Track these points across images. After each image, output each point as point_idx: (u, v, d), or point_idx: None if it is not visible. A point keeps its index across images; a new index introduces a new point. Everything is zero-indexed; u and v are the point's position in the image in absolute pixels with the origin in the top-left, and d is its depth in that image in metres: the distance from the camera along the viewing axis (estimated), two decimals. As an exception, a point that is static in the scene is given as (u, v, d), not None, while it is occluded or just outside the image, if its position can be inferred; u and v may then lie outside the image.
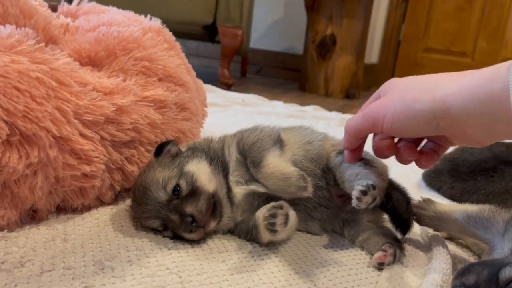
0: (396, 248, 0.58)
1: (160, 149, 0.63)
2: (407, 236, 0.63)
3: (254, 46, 3.21)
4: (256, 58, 3.24)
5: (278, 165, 0.60)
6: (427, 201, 0.62)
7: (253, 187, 0.61)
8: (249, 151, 0.62)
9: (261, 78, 3.06)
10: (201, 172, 0.60)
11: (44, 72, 0.52)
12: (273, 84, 2.83)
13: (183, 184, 0.58)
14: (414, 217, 0.61)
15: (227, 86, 2.21)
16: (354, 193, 0.52)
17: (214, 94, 1.88)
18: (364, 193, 0.52)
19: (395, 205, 0.61)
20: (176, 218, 0.56)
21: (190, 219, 0.55)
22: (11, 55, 0.50)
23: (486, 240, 0.55)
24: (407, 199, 0.63)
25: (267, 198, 0.61)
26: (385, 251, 0.57)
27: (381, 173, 0.60)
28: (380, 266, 0.57)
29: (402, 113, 0.48)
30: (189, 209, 0.56)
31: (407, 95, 0.48)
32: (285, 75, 3.16)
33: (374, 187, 0.53)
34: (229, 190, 0.62)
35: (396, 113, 0.48)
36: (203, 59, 3.13)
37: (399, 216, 0.62)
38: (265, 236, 0.58)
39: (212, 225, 0.57)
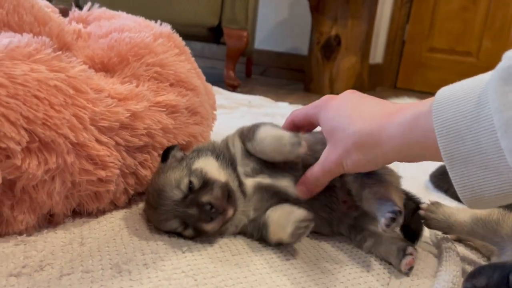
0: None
1: (166, 154, 0.64)
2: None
3: (258, 47, 3.22)
4: (261, 59, 3.25)
5: (271, 130, 0.62)
6: (435, 204, 0.62)
7: (259, 179, 0.63)
8: (247, 132, 0.64)
9: (266, 79, 3.07)
10: (209, 166, 0.62)
11: (62, 80, 0.53)
12: (278, 84, 2.84)
13: (194, 180, 0.59)
14: (423, 221, 0.62)
15: (233, 88, 2.22)
16: (383, 222, 0.53)
17: (220, 96, 1.89)
18: (393, 220, 0.53)
19: (407, 215, 0.62)
20: (194, 211, 0.57)
21: (209, 207, 0.57)
22: (29, 63, 0.52)
23: (495, 243, 0.56)
24: (417, 207, 0.64)
25: (275, 193, 0.62)
26: (411, 254, 0.57)
27: (397, 186, 0.61)
28: (409, 271, 0.57)
29: (360, 161, 0.53)
30: (206, 198, 0.57)
31: (356, 149, 0.52)
32: (290, 76, 3.17)
33: (400, 212, 0.53)
34: (240, 183, 0.63)
35: (355, 162, 0.53)
36: (208, 61, 3.15)
37: (410, 224, 0.63)
38: (273, 237, 0.59)
39: (230, 212, 0.58)
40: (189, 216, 0.58)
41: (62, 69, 0.55)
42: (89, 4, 0.94)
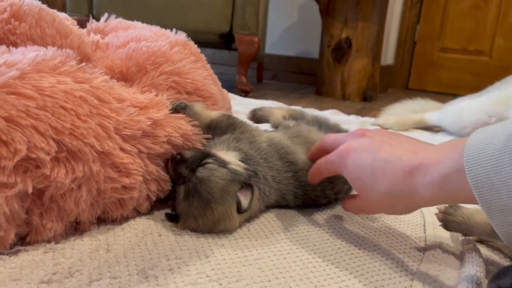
0: None
1: None
2: (438, 240, 0.64)
3: (269, 51, 3.24)
4: (272, 63, 3.26)
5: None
6: (453, 206, 0.62)
7: None
8: None
9: (277, 83, 3.08)
10: None
11: (87, 91, 0.55)
12: (290, 88, 2.84)
13: None
14: (441, 224, 0.62)
15: (245, 93, 2.24)
16: None
17: (233, 101, 1.90)
18: None
19: None
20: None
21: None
22: (56, 76, 0.53)
23: (519, 244, 0.56)
24: None
25: None
26: None
27: None
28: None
29: (400, 211, 0.57)
30: None
31: (393, 205, 0.55)
32: (301, 80, 3.18)
33: None
34: None
35: (396, 212, 0.58)
36: (220, 66, 3.17)
37: None
38: None
39: None
40: None
41: (86, 80, 0.56)
42: (105, 15, 0.96)
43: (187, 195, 0.64)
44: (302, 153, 0.76)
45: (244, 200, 0.64)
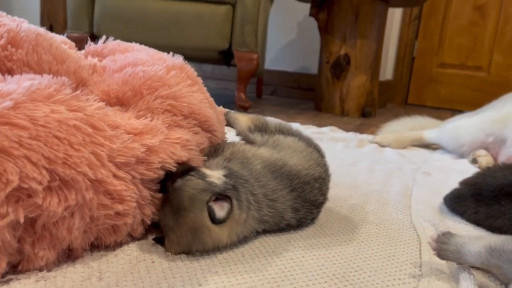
0: None
1: None
2: (433, 267, 0.64)
3: (268, 67, 3.26)
4: (271, 78, 3.28)
5: None
6: (447, 234, 0.62)
7: None
8: None
9: (277, 99, 3.10)
10: None
11: (81, 119, 0.55)
12: (289, 104, 2.86)
13: None
14: (435, 253, 0.62)
15: (244, 109, 2.24)
16: None
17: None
18: None
19: None
20: None
21: None
22: (50, 104, 0.54)
23: (512, 273, 0.56)
24: None
25: None
26: None
27: None
28: None
29: None
30: None
31: None
32: (300, 95, 3.20)
33: None
34: None
35: None
36: (219, 82, 3.19)
37: None
38: None
39: None
40: None
41: (80, 108, 0.57)
42: (103, 37, 0.97)
43: (162, 205, 0.67)
44: (291, 157, 0.78)
45: (220, 211, 0.64)
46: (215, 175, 0.68)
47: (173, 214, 0.64)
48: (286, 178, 0.75)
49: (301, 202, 0.76)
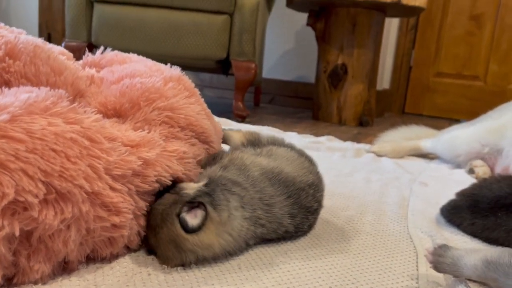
0: None
1: None
2: (430, 280, 0.64)
3: (266, 75, 3.27)
4: (269, 87, 3.29)
5: None
6: (443, 247, 0.62)
7: None
8: None
9: (274, 107, 3.10)
10: None
11: (77, 132, 0.55)
12: (286, 113, 2.86)
13: None
14: (431, 265, 0.62)
15: (242, 118, 2.25)
16: None
17: (229, 127, 1.91)
18: None
19: None
20: None
21: None
22: (47, 117, 0.54)
23: (509, 286, 0.56)
24: None
25: None
26: None
27: None
28: None
29: None
30: None
31: None
32: (298, 104, 3.21)
33: None
34: None
35: None
36: (217, 91, 3.20)
37: None
38: None
39: None
40: None
41: (78, 120, 0.57)
42: (101, 48, 0.98)
43: (145, 226, 0.69)
44: (286, 165, 0.80)
45: (193, 219, 0.64)
46: (192, 187, 0.69)
47: (152, 232, 0.67)
48: (283, 185, 0.76)
49: (297, 208, 0.77)
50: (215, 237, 0.66)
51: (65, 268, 0.61)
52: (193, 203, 0.65)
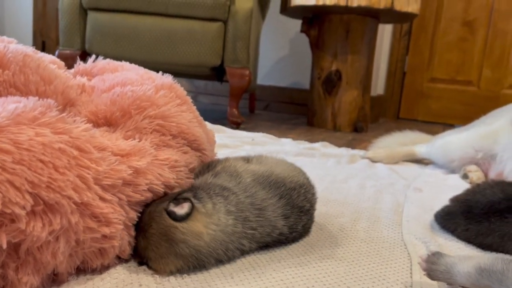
0: None
1: None
2: (424, 287, 0.63)
3: (261, 82, 3.27)
4: (264, 94, 3.30)
5: None
6: (436, 254, 0.62)
7: None
8: None
9: (269, 114, 3.10)
10: None
11: (66, 142, 0.55)
12: (281, 119, 2.86)
13: None
14: (425, 273, 0.61)
15: (236, 125, 2.25)
16: None
17: (223, 134, 1.91)
18: None
19: None
20: None
21: None
22: (34, 127, 0.53)
23: (503, 293, 0.55)
24: None
25: None
26: None
27: None
28: None
29: None
30: None
31: None
32: (293, 110, 3.21)
33: None
34: None
35: None
36: (211, 97, 3.19)
37: None
38: None
39: None
40: None
41: (66, 130, 0.56)
42: (93, 56, 0.97)
43: (135, 237, 0.68)
44: (276, 167, 0.82)
45: (180, 210, 0.65)
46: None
47: (141, 234, 0.66)
48: (274, 187, 0.77)
49: (290, 208, 0.77)
50: (203, 228, 0.66)
51: (54, 280, 0.60)
52: (179, 200, 0.66)
